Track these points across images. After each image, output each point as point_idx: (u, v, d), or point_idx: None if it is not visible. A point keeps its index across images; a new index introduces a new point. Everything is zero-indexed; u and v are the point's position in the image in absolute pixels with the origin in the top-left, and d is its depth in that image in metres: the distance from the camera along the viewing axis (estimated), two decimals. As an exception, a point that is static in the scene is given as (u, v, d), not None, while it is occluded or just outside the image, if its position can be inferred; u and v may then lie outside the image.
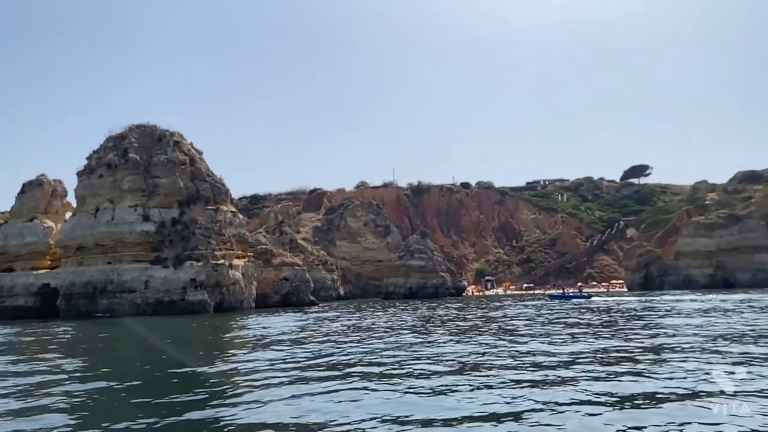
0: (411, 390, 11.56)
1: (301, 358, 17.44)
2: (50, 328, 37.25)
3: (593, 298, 59.76)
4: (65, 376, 15.08)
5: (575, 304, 48.88)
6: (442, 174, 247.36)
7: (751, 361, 13.89)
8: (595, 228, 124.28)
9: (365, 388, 11.88)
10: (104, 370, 16.91)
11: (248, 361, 17.55)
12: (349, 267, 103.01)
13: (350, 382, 12.66)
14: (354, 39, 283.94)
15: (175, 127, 61.97)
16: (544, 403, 9.92)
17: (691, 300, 48.02)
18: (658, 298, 54.02)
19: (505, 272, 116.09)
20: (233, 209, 62.97)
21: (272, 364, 16.07)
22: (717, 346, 16.80)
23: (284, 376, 13.82)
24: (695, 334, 20.34)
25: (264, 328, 32.02)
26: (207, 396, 11.77)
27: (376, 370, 14.49)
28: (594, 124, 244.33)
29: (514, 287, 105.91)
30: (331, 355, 17.99)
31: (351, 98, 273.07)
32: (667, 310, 35.51)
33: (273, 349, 20.09)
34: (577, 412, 9.34)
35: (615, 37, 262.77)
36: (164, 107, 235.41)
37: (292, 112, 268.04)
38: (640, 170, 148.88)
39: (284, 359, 17.24)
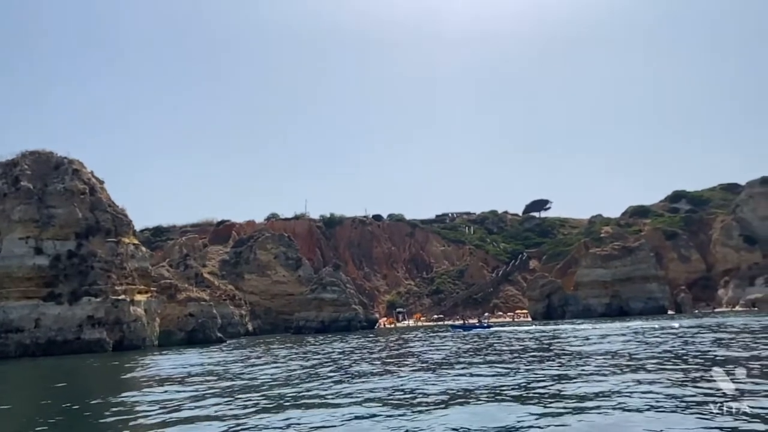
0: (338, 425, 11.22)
1: (210, 400, 16.35)
2: None
3: (492, 328, 61.96)
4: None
5: (476, 334, 50.62)
6: (354, 206, 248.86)
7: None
8: (500, 259, 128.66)
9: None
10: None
11: (141, 403, 16.35)
12: (258, 301, 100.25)
13: (268, 425, 12.12)
14: (261, 60, 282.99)
15: (74, 155, 58.77)
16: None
17: (594, 328, 50.31)
18: (560, 327, 56.18)
19: (415, 304, 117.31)
20: (136, 241, 60.04)
21: (171, 409, 14.89)
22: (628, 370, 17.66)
23: (187, 423, 12.91)
24: (607, 358, 21.32)
25: (167, 367, 30.28)
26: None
27: (297, 409, 13.98)
28: (497, 159, 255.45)
29: (424, 318, 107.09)
30: (242, 394, 17.23)
31: (260, 125, 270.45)
32: (570, 339, 37.07)
33: (174, 392, 18.85)
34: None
35: (518, 75, 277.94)
36: (61, 133, 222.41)
37: (197, 140, 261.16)
38: (540, 204, 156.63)
39: (190, 399, 16.29)
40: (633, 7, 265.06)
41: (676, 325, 47.48)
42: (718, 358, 20.12)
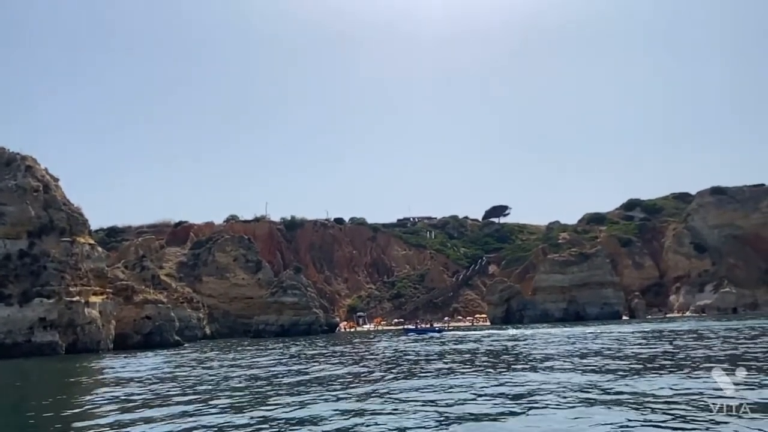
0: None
1: (165, 406, 15.45)
2: None
3: (444, 332, 64.70)
4: None
5: (430, 337, 52.16)
6: (316, 209, 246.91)
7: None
8: (461, 264, 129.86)
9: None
10: None
11: (87, 408, 15.74)
12: (216, 304, 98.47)
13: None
14: (220, 61, 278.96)
15: (28, 150, 56.73)
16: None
17: (548, 333, 51.08)
18: (515, 332, 56.76)
19: (376, 308, 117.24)
20: (91, 241, 58.32)
21: (123, 414, 14.23)
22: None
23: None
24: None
25: (122, 371, 29.29)
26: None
27: (266, 412, 13.74)
28: (459, 164, 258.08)
29: (385, 323, 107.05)
30: (197, 397, 16.85)
31: (220, 125, 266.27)
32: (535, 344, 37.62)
33: (126, 396, 18.21)
34: None
35: (480, 81, 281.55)
36: (16, 134, 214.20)
37: (155, 140, 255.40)
38: (500, 210, 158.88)
39: (145, 403, 15.82)
40: (599, 13, 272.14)
41: (630, 329, 48.75)
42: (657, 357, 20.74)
